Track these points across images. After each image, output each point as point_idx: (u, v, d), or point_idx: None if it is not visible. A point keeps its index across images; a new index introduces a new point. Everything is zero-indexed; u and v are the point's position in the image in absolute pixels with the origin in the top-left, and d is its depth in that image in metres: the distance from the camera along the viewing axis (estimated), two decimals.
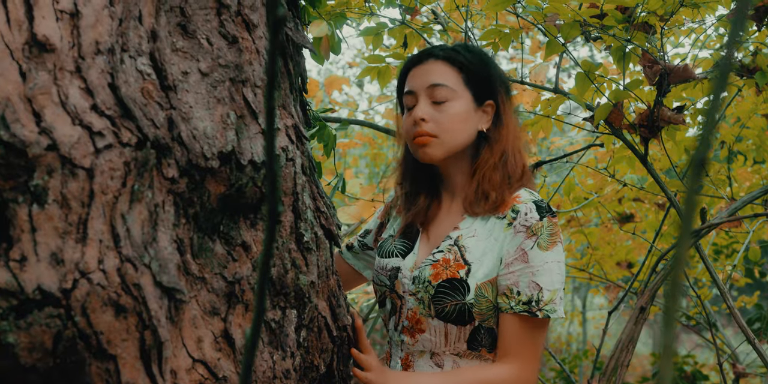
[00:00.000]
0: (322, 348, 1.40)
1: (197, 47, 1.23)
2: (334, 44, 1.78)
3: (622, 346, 1.62)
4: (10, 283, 0.97)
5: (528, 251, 1.52)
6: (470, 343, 1.57)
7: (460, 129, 1.61)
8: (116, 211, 1.07)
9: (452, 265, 1.56)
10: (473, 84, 1.63)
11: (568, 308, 14.26)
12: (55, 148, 1.01)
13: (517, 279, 1.52)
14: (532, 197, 1.57)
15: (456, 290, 1.54)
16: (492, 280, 1.55)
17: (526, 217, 1.53)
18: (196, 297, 1.19)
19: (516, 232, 1.53)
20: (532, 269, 1.51)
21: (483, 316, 1.56)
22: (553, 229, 1.54)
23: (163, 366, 1.10)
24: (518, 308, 1.51)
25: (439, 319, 1.56)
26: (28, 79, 1.03)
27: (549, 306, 1.49)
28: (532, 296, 1.49)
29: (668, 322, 0.48)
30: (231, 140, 1.22)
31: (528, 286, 1.51)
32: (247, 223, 1.29)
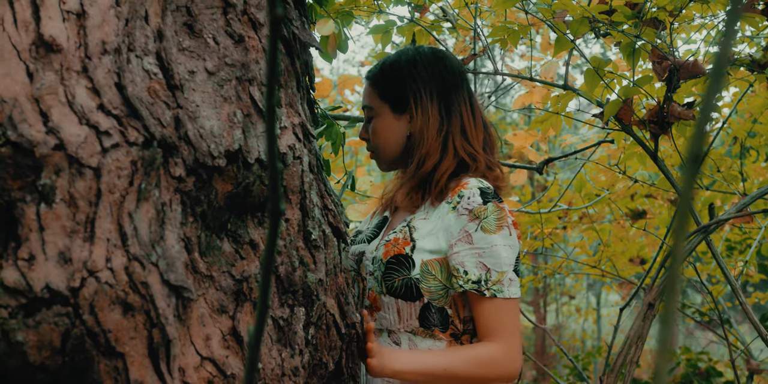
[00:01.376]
0: (330, 345, 1.40)
1: (203, 46, 1.24)
2: (341, 42, 1.78)
3: (631, 342, 1.62)
4: (18, 282, 0.98)
5: (472, 233, 1.62)
6: (422, 321, 1.67)
7: (387, 140, 1.80)
8: (123, 210, 1.07)
9: (400, 243, 1.68)
10: (388, 97, 1.79)
11: (582, 305, 14.22)
12: (62, 147, 1.02)
13: (463, 259, 1.62)
14: (478, 184, 1.67)
15: (402, 265, 1.66)
16: (439, 259, 1.66)
17: (468, 201, 1.64)
18: (204, 295, 1.19)
19: (459, 215, 1.64)
20: (479, 250, 1.61)
21: (432, 294, 1.66)
22: (500, 214, 1.64)
23: (171, 364, 1.10)
24: (467, 286, 1.61)
25: (390, 295, 1.67)
26: (35, 79, 1.03)
27: (497, 286, 1.59)
28: (481, 276, 1.60)
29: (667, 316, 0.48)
30: (238, 139, 1.23)
31: (476, 267, 1.61)
32: (255, 222, 1.30)
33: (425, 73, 1.79)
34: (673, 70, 1.92)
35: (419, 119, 1.76)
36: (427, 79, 1.79)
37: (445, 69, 1.82)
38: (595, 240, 3.94)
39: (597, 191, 3.28)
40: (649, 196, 3.51)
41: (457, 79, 1.83)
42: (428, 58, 1.82)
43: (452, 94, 1.81)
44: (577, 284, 12.54)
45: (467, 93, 1.84)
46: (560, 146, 6.06)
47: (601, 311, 12.66)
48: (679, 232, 0.49)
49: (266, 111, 0.69)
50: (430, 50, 1.86)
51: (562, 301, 13.05)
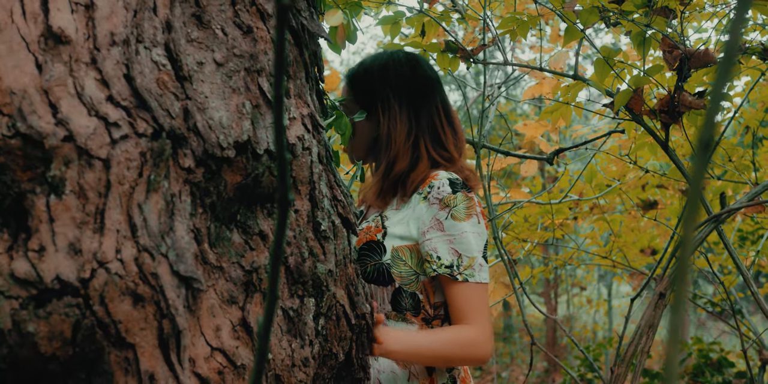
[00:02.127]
0: (340, 336, 1.40)
1: (212, 37, 1.24)
2: (350, 33, 1.77)
3: (641, 332, 1.62)
4: (29, 273, 0.98)
5: (443, 221, 1.73)
6: (394, 305, 1.79)
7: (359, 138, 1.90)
8: (133, 201, 1.08)
9: (372, 231, 1.81)
10: (359, 100, 1.90)
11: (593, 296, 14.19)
12: (71, 139, 1.02)
13: (436, 245, 1.73)
14: (448, 175, 1.78)
15: (374, 251, 1.79)
16: (409, 245, 1.77)
17: (438, 191, 1.75)
18: (213, 286, 1.19)
19: (430, 204, 1.75)
20: (450, 237, 1.72)
21: (402, 279, 1.78)
22: (469, 203, 1.75)
23: (181, 354, 1.11)
24: (441, 270, 1.72)
25: (364, 280, 1.74)
26: (44, 70, 1.04)
27: (468, 271, 1.71)
28: (453, 261, 1.71)
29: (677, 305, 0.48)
30: (247, 130, 1.23)
31: (448, 253, 1.72)
32: (264, 213, 1.30)
33: (396, 79, 1.87)
34: (684, 59, 1.91)
35: (386, 123, 1.84)
36: (397, 85, 1.87)
37: (417, 75, 1.90)
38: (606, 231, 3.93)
39: (608, 182, 3.27)
40: (660, 186, 3.50)
41: (429, 85, 1.91)
42: (401, 64, 1.90)
43: (423, 99, 1.88)
44: (588, 275, 12.52)
45: (440, 98, 1.92)
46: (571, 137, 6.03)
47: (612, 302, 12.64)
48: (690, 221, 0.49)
49: (274, 101, 0.68)
50: (404, 56, 1.93)
51: (573, 293, 13.04)
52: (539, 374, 11.97)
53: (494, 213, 2.44)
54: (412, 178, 1.81)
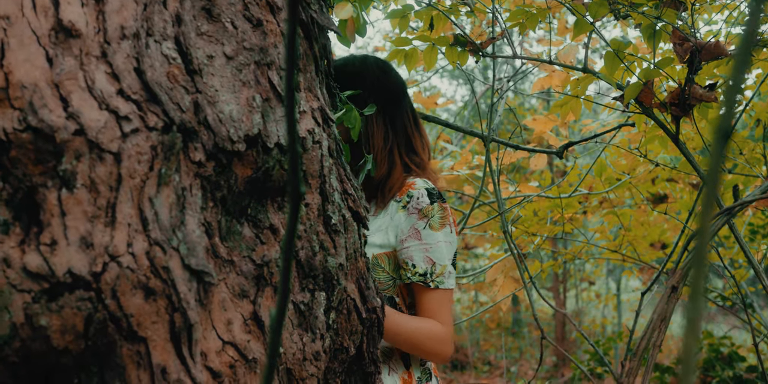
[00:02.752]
0: (351, 330, 1.40)
1: (222, 31, 1.23)
2: (360, 26, 1.77)
3: (654, 325, 1.61)
4: (41, 267, 0.98)
5: (421, 231, 1.82)
6: None
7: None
8: (144, 194, 1.08)
9: None
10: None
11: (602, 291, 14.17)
12: (82, 132, 1.02)
13: (412, 253, 1.82)
14: (425, 185, 1.85)
15: None
16: (388, 253, 1.86)
17: (418, 201, 1.83)
18: (224, 280, 1.19)
19: (409, 214, 1.83)
20: (426, 246, 1.81)
21: (382, 285, 1.86)
22: (443, 213, 1.83)
23: (193, 348, 1.11)
24: (415, 278, 1.82)
25: None
26: (54, 64, 1.03)
27: (439, 278, 1.80)
28: (427, 269, 1.80)
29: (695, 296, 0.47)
30: (257, 123, 1.22)
31: (423, 261, 1.81)
32: (275, 206, 1.30)
33: (371, 84, 1.92)
34: (694, 51, 1.90)
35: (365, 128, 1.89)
36: (372, 90, 1.92)
37: (390, 81, 1.95)
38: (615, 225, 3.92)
39: (617, 175, 3.25)
40: (670, 180, 3.48)
41: (401, 90, 1.96)
42: (375, 70, 1.94)
43: (395, 105, 1.93)
44: (597, 270, 12.50)
45: (408, 103, 1.97)
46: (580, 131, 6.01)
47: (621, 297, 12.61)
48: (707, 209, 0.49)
49: (285, 94, 0.68)
50: (376, 61, 1.97)
51: (582, 287, 13.02)
52: (548, 369, 11.97)
53: (503, 207, 2.44)
54: (389, 184, 1.88)
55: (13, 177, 1.00)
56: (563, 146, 2.49)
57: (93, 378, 1.03)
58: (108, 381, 1.03)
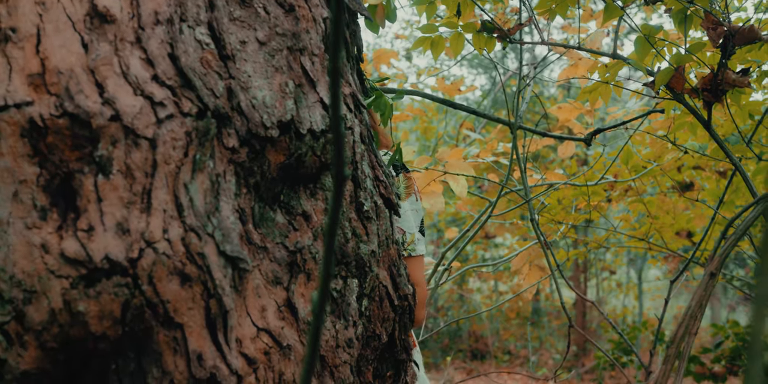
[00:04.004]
0: (383, 317, 1.40)
1: (254, 16, 1.22)
2: (390, 12, 1.76)
3: (692, 313, 1.59)
4: (79, 253, 0.98)
5: None
6: None
7: None
8: (179, 180, 1.07)
9: None
10: None
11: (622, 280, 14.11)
12: (118, 118, 1.02)
13: None
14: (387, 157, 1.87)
15: None
16: None
17: None
18: (258, 266, 1.19)
19: None
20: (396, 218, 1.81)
21: None
22: (408, 183, 1.84)
23: (228, 334, 1.10)
24: None
25: None
26: (90, 50, 1.03)
27: (411, 246, 1.81)
28: (398, 239, 1.77)
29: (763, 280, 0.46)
30: (290, 109, 1.22)
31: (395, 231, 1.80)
32: (307, 193, 1.29)
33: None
34: (728, 36, 1.87)
35: None
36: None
37: None
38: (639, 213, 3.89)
39: (643, 163, 3.22)
40: (696, 167, 3.44)
41: None
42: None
43: None
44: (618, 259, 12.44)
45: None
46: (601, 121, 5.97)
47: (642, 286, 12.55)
48: None
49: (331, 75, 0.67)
50: None
51: (603, 277, 12.97)
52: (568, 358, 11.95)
53: (529, 195, 2.42)
54: None
55: (50, 163, 1.00)
56: (591, 133, 2.47)
57: (130, 364, 1.03)
58: (145, 366, 1.03)
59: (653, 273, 16.67)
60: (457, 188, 2.43)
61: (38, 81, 1.00)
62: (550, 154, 9.69)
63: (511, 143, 2.98)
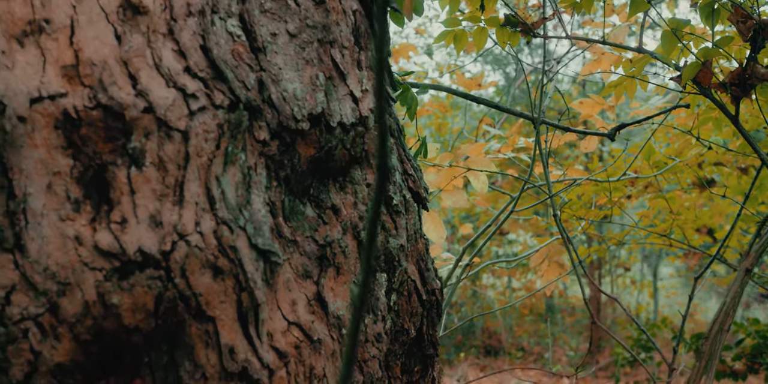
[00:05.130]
0: (412, 312, 1.39)
1: (285, 8, 1.22)
2: (417, 5, 1.74)
3: (726, 309, 1.58)
4: (112, 245, 0.98)
5: None
6: None
7: None
8: (211, 173, 1.07)
9: None
10: None
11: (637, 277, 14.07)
12: (151, 110, 1.01)
13: None
14: None
15: None
16: None
17: None
18: (288, 260, 1.18)
19: None
20: None
21: None
22: None
23: (260, 328, 1.10)
24: None
25: None
26: (123, 41, 1.03)
27: None
28: None
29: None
30: (320, 102, 1.21)
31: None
32: (336, 186, 1.28)
33: None
34: (758, 29, 1.85)
35: None
36: None
37: None
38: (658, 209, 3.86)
39: (664, 159, 3.20)
40: (718, 164, 3.42)
41: None
42: None
43: None
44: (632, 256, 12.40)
45: None
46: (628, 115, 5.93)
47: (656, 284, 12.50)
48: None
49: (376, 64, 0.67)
50: None
51: (617, 273, 12.92)
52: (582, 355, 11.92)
53: (552, 190, 2.40)
54: None
55: (83, 155, 0.99)
56: (615, 128, 2.45)
57: (162, 357, 1.02)
58: (177, 360, 1.03)
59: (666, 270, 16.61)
60: (478, 184, 2.42)
61: (72, 72, 0.99)
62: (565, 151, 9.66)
63: (530, 138, 2.96)
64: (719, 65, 2.19)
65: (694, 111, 2.62)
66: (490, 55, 14.20)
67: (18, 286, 0.94)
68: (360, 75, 1.32)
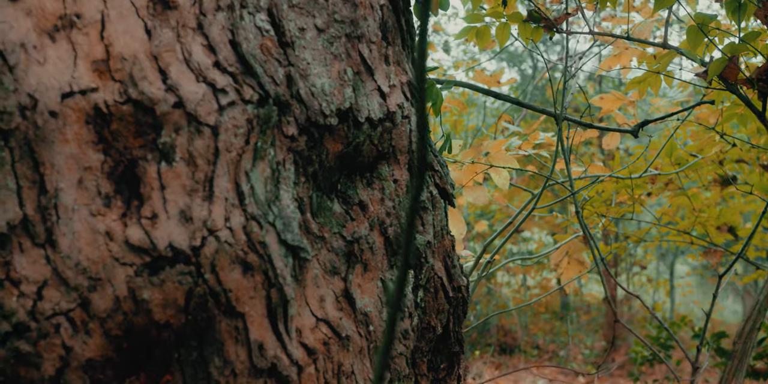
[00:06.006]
0: (438, 309, 1.38)
1: (313, 3, 1.21)
2: (443, 0, 1.73)
3: (760, 307, 1.56)
4: (143, 241, 0.97)
5: None
6: None
7: None
8: (240, 168, 1.06)
9: None
10: None
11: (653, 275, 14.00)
12: (181, 105, 1.01)
13: None
14: None
15: None
16: None
17: None
18: (316, 256, 1.18)
19: None
20: None
21: None
22: None
23: (289, 324, 1.09)
24: None
25: None
26: (153, 36, 1.02)
27: None
28: None
29: None
30: (349, 97, 1.20)
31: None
32: (364, 182, 1.28)
33: None
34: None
35: None
36: None
37: None
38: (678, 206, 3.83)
39: (686, 156, 3.17)
40: (740, 161, 3.38)
41: None
42: None
43: None
44: (649, 254, 12.34)
45: None
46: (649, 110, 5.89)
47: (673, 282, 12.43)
48: None
49: (418, 56, 0.66)
50: None
51: (633, 272, 12.86)
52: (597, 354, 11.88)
53: (573, 187, 2.39)
54: None
55: (114, 150, 0.99)
56: (638, 125, 2.43)
57: (192, 353, 1.02)
58: (207, 356, 1.02)
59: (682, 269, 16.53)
60: (499, 181, 2.41)
61: (102, 67, 0.99)
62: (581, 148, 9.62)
63: (551, 134, 2.94)
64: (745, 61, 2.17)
65: (718, 107, 2.59)
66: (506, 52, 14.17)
67: (50, 282, 0.94)
68: (387, 70, 1.31)
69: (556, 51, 13.38)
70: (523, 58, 15.04)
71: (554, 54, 13.65)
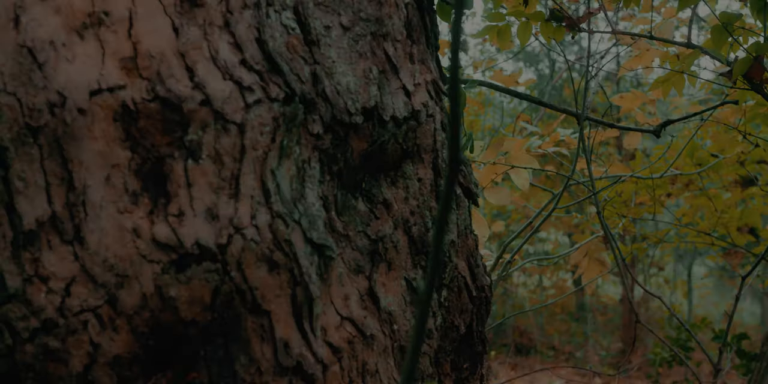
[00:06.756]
0: (462, 308, 1.37)
1: (338, 1, 1.21)
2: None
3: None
4: (170, 238, 0.97)
5: None
6: None
7: None
8: (266, 166, 1.06)
9: None
10: None
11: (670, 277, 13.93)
12: (208, 103, 1.01)
13: None
14: None
15: None
16: None
17: None
18: (341, 255, 1.18)
19: None
20: None
21: None
22: None
23: (314, 323, 1.09)
24: None
25: None
26: (180, 34, 1.02)
27: None
28: None
29: None
30: (374, 95, 1.20)
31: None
32: (388, 181, 1.27)
33: None
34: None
35: None
36: None
37: None
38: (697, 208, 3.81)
39: (707, 156, 3.15)
40: (761, 161, 3.36)
41: None
42: None
43: None
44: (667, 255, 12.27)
45: None
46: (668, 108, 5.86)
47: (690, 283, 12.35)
48: None
49: (451, 49, 0.66)
50: None
51: (650, 273, 12.80)
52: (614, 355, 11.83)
53: (595, 188, 2.38)
54: None
55: (141, 147, 0.99)
56: (661, 125, 2.41)
57: (218, 350, 1.02)
58: (233, 354, 1.02)
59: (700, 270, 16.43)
60: (519, 181, 2.40)
61: (130, 65, 0.99)
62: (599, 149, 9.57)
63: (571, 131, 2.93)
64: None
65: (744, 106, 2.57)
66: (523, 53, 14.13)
67: (78, 278, 0.95)
68: (412, 69, 1.30)
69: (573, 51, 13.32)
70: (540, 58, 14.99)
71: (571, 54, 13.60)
